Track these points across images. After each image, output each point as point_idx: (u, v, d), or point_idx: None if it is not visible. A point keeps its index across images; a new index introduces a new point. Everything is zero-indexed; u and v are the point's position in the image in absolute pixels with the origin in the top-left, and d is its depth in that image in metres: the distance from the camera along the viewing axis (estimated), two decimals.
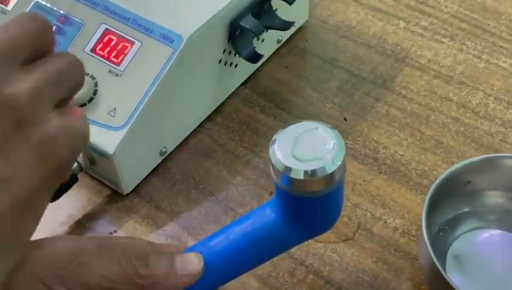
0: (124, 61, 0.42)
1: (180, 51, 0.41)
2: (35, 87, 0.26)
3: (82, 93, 0.41)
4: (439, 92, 0.52)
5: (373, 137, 0.48)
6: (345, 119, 0.50)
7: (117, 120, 0.41)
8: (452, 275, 0.39)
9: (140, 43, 0.43)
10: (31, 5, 0.47)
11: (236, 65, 0.50)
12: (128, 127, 0.40)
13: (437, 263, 0.36)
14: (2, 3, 0.48)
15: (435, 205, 0.39)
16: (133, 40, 0.43)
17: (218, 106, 0.51)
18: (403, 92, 0.52)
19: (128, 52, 0.42)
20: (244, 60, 0.48)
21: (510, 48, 0.56)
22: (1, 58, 0.26)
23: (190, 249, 0.35)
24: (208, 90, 0.48)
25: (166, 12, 0.44)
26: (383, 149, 0.48)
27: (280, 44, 0.55)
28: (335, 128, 0.33)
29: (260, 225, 0.35)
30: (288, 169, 0.31)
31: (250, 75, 0.53)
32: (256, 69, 0.54)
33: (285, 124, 0.48)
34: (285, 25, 0.49)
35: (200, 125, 0.49)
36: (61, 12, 0.45)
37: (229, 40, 0.47)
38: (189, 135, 0.49)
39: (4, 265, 0.27)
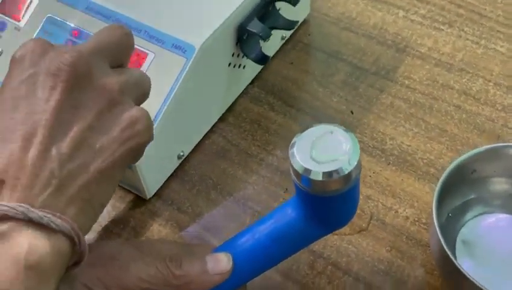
0: None
1: (193, 60, 0.43)
2: (124, 82, 0.34)
3: None
4: (440, 80, 0.54)
5: (380, 129, 0.50)
6: (352, 113, 0.52)
7: None
8: (462, 260, 0.42)
9: (153, 54, 0.44)
10: (44, 20, 0.48)
11: (244, 66, 0.51)
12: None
13: (447, 249, 0.38)
14: (15, 19, 0.49)
15: (443, 194, 0.41)
16: (146, 51, 0.44)
17: (229, 106, 0.53)
18: (406, 82, 0.54)
19: (142, 64, 0.44)
20: (251, 61, 0.50)
21: (507, 32, 0.57)
22: (99, 57, 0.34)
23: (218, 249, 0.38)
24: (220, 92, 0.50)
25: (176, 22, 0.45)
26: (390, 140, 0.50)
27: (284, 40, 0.57)
28: (347, 128, 0.35)
29: (282, 224, 0.37)
30: (307, 171, 0.33)
31: (258, 73, 0.55)
32: (263, 68, 0.55)
33: (296, 122, 0.51)
34: (290, 25, 0.51)
35: (214, 125, 0.51)
36: (74, 26, 0.47)
37: (237, 44, 0.48)
38: (203, 136, 0.51)
39: (84, 222, 0.32)
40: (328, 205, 0.36)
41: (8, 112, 0.32)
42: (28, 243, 0.29)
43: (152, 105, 0.43)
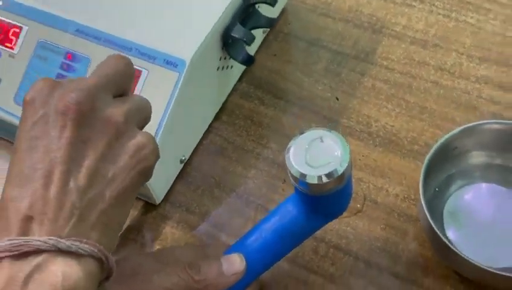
0: (136, 89, 0.47)
1: (185, 74, 0.46)
2: (127, 111, 0.37)
3: None
4: (416, 58, 0.57)
5: (364, 112, 0.54)
6: (337, 99, 0.55)
7: None
8: (449, 229, 0.46)
9: (147, 71, 0.47)
10: (36, 45, 0.50)
11: (232, 66, 0.54)
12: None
13: (432, 223, 0.42)
14: (8, 47, 0.51)
15: (429, 171, 0.45)
16: (139, 68, 0.47)
17: (222, 105, 0.55)
18: (385, 63, 0.57)
19: (137, 82, 0.47)
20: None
21: (475, 2, 0.60)
22: (103, 89, 0.36)
23: (230, 250, 0.42)
24: (212, 95, 0.53)
25: (165, 38, 0.47)
26: (375, 122, 0.53)
27: (266, 33, 0.59)
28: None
29: (286, 221, 0.41)
30: (303, 175, 0.37)
31: (244, 69, 0.58)
32: None
33: (286, 114, 0.54)
34: (270, 22, 0.53)
35: (209, 125, 0.54)
36: (66, 49, 0.49)
37: (223, 48, 0.51)
38: (201, 137, 0.54)
39: (108, 242, 0.35)
40: (325, 201, 0.40)
41: (27, 153, 0.34)
42: (62, 271, 0.32)
43: (152, 120, 0.46)
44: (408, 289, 0.45)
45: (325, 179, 0.36)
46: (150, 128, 0.46)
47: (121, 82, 0.38)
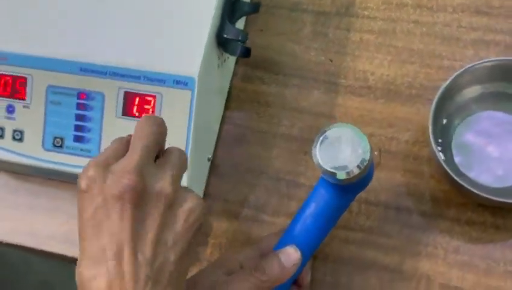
0: (155, 114, 0.50)
1: (197, 89, 0.49)
2: (173, 179, 0.40)
3: None
4: (394, 1, 0.60)
5: (359, 68, 0.58)
6: (331, 61, 0.58)
7: None
8: (459, 159, 0.52)
9: (160, 95, 0.50)
10: (46, 91, 0.52)
11: (228, 57, 0.57)
12: (188, 165, 0.49)
13: (444, 165, 0.48)
14: (19, 98, 0.53)
15: (435, 116, 0.50)
16: (153, 93, 0.50)
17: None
18: (366, 13, 0.60)
19: (154, 106, 0.50)
20: None
21: None
22: (147, 162, 0.39)
23: (281, 243, 0.47)
24: (219, 90, 0.56)
25: (167, 57, 0.50)
26: (371, 76, 0.57)
27: None
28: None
29: (322, 205, 0.47)
30: (333, 173, 0.42)
31: None
32: None
33: (287, 87, 0.58)
34: (256, 7, 0.55)
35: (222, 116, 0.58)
36: (77, 89, 0.52)
37: (218, 47, 0.53)
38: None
39: None
40: (353, 186, 0.45)
41: (94, 238, 0.38)
42: None
43: (178, 139, 0.50)
44: (436, 222, 0.51)
45: (352, 173, 0.42)
46: (179, 144, 0.50)
47: (159, 144, 0.42)
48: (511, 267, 0.50)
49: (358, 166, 0.42)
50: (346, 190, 0.46)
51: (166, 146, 0.43)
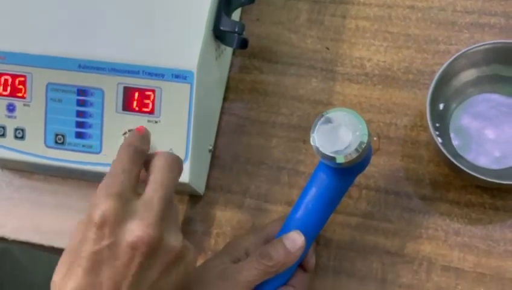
0: (155, 108, 0.50)
1: (195, 83, 0.49)
2: (184, 241, 0.42)
3: None
4: None
5: (355, 55, 0.58)
6: (328, 49, 0.59)
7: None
8: (457, 142, 0.53)
9: (160, 89, 0.50)
10: (46, 88, 0.53)
11: (225, 49, 0.57)
12: (189, 158, 0.50)
13: (442, 149, 0.48)
14: (19, 97, 0.53)
15: (433, 100, 0.51)
16: (152, 88, 0.50)
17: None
18: (361, 0, 0.60)
19: (154, 100, 0.50)
20: None
21: None
22: (167, 213, 0.41)
23: (284, 228, 0.48)
24: (217, 81, 0.57)
25: (165, 51, 0.50)
26: (368, 62, 0.57)
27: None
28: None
29: (322, 189, 0.47)
30: (332, 158, 0.43)
31: None
32: None
33: (286, 76, 0.58)
34: None
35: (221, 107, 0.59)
36: (77, 86, 0.52)
37: (216, 40, 0.54)
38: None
39: None
40: (352, 168, 0.46)
41: (92, 271, 0.38)
42: None
43: (178, 132, 0.50)
44: (436, 206, 0.52)
45: (351, 157, 0.42)
46: (181, 138, 0.50)
47: (175, 184, 0.43)
48: (511, 247, 0.51)
49: (356, 149, 0.42)
50: (345, 172, 0.46)
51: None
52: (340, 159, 0.43)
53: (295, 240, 0.46)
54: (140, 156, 0.43)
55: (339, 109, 0.44)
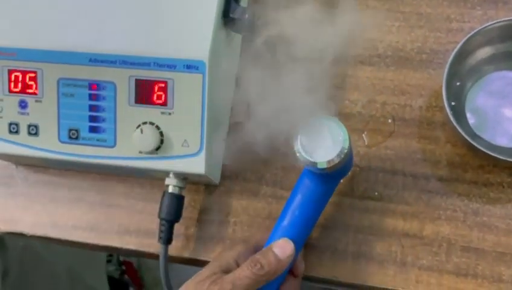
0: (168, 100, 0.50)
1: (208, 73, 0.49)
2: None
3: (155, 141, 0.50)
4: None
5: (367, 36, 0.57)
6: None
7: (192, 147, 0.50)
8: (471, 121, 0.52)
9: (172, 80, 0.50)
10: (57, 83, 0.52)
11: (235, 35, 0.56)
12: (204, 149, 0.50)
13: (458, 127, 0.48)
14: (31, 93, 0.53)
15: (448, 79, 0.50)
16: (164, 79, 0.50)
17: None
18: None
19: (167, 92, 0.50)
20: None
21: None
22: None
23: (272, 237, 0.48)
24: (229, 69, 0.56)
25: (176, 42, 0.50)
26: (380, 43, 0.57)
27: None
28: (334, 117, 0.45)
29: (307, 194, 0.48)
30: (314, 163, 0.44)
31: None
32: None
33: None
34: None
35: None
36: (88, 80, 0.52)
37: (225, 26, 0.53)
38: None
39: None
40: (336, 173, 0.46)
41: None
42: None
43: (193, 122, 0.50)
44: (454, 186, 0.52)
45: (333, 162, 0.43)
46: (195, 129, 0.50)
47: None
48: None
49: (338, 155, 0.43)
50: (329, 177, 0.47)
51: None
52: (323, 165, 0.44)
53: (284, 247, 0.47)
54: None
55: (320, 117, 0.45)
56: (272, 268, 0.46)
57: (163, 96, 0.50)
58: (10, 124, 0.54)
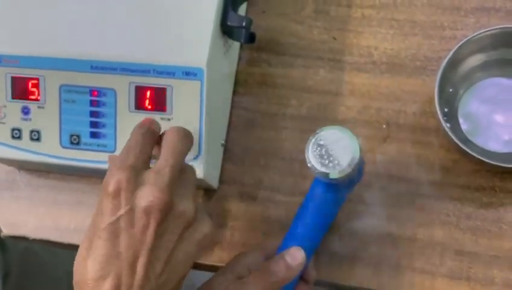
0: (167, 106, 0.51)
1: (206, 79, 0.50)
2: (193, 198, 0.43)
3: None
4: None
5: (363, 44, 0.58)
6: (335, 39, 0.59)
7: (191, 152, 0.51)
8: (464, 127, 0.53)
9: (171, 87, 0.51)
10: (59, 90, 0.54)
11: (233, 43, 0.58)
12: (202, 154, 0.51)
13: (451, 134, 0.49)
14: (33, 100, 0.54)
15: (440, 87, 0.51)
16: (163, 86, 0.51)
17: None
18: None
19: (166, 98, 0.51)
20: None
21: None
22: (176, 179, 0.42)
23: (284, 244, 0.49)
24: (227, 76, 0.57)
25: (175, 50, 0.51)
26: (375, 51, 0.58)
27: None
28: (343, 125, 0.46)
29: (318, 203, 0.49)
30: (326, 174, 0.45)
31: None
32: None
33: (294, 67, 0.58)
34: None
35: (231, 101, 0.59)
36: (90, 87, 0.53)
37: (224, 35, 0.54)
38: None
39: None
40: (347, 182, 0.47)
41: (110, 242, 0.40)
42: None
43: (192, 128, 0.50)
44: (447, 191, 0.53)
45: (344, 172, 0.45)
46: (193, 134, 0.51)
47: (186, 154, 0.45)
48: None
49: (349, 164, 0.44)
50: (340, 186, 0.48)
51: None
52: (334, 175, 0.45)
53: (296, 255, 0.48)
54: (152, 135, 0.46)
55: (331, 127, 0.46)
56: (283, 275, 0.47)
57: (162, 102, 0.52)
58: (13, 130, 0.55)
